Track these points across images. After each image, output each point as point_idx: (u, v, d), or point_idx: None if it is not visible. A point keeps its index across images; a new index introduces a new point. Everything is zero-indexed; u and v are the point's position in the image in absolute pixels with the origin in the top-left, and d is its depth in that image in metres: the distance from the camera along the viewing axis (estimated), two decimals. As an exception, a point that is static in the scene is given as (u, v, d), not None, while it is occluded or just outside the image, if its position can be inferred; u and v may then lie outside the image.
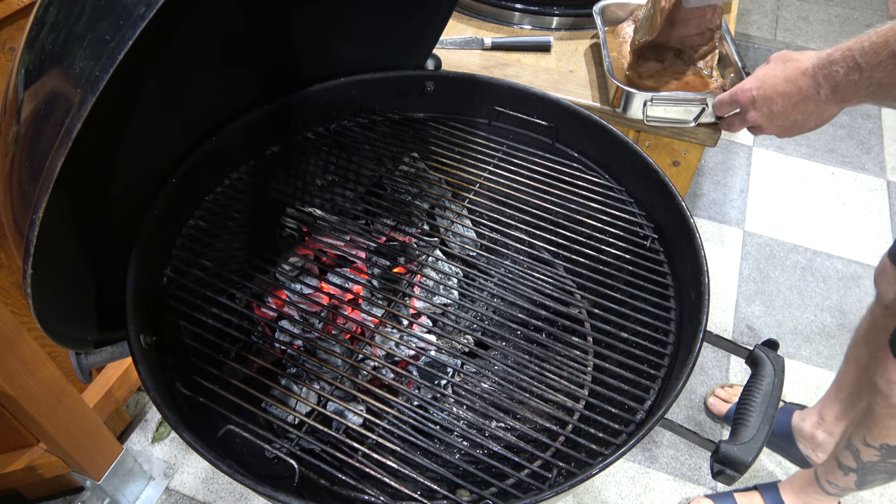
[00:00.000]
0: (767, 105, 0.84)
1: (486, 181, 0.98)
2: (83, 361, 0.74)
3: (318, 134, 1.05)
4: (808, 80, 0.77)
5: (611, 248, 0.88)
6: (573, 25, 1.43)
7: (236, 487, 1.44)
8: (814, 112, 0.79)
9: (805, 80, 0.77)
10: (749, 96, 0.86)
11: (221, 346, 0.79)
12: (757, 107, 0.85)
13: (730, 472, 0.65)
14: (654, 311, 0.81)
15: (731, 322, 1.80)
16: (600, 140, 0.97)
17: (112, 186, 0.77)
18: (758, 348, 0.74)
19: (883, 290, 1.20)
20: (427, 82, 1.06)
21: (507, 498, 0.65)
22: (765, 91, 0.83)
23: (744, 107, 0.87)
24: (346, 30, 0.98)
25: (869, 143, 2.41)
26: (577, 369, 0.82)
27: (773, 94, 0.82)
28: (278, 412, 0.84)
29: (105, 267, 0.77)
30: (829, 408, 1.38)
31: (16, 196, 0.55)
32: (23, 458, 1.23)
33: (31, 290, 0.56)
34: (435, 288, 0.94)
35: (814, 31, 2.87)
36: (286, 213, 1.01)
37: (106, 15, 0.47)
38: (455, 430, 0.77)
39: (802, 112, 0.80)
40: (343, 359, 0.81)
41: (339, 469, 0.69)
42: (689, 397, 1.62)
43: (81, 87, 0.47)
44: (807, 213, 2.13)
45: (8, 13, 0.94)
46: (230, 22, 0.85)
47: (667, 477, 1.47)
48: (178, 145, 0.89)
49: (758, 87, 0.84)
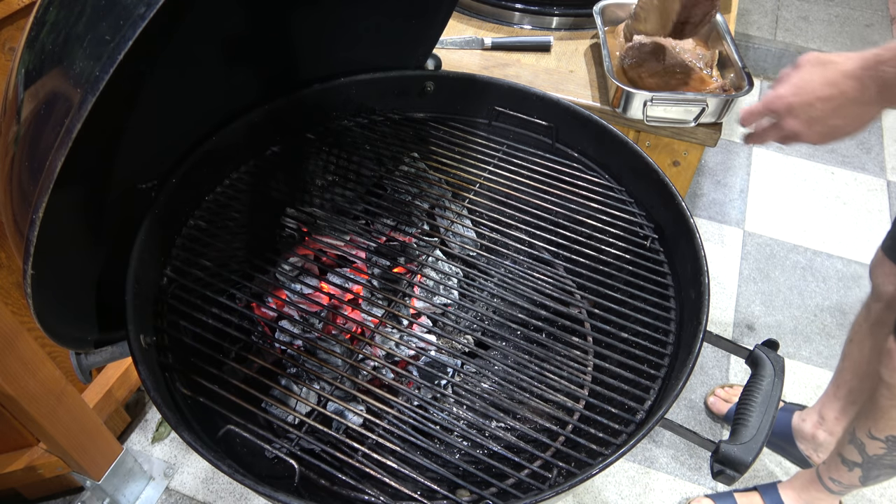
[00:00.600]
0: (806, 111, 0.79)
1: (486, 181, 0.98)
2: (83, 361, 0.74)
3: (318, 134, 1.05)
4: (852, 83, 0.74)
5: (611, 248, 0.88)
6: (573, 25, 1.43)
7: (236, 487, 1.44)
8: (856, 115, 0.76)
9: (849, 82, 0.75)
10: (786, 103, 0.81)
11: (221, 346, 0.79)
12: (795, 114, 0.81)
13: (730, 472, 0.65)
14: (654, 311, 0.81)
15: (731, 322, 1.80)
16: (600, 140, 0.97)
17: (112, 186, 0.77)
18: (758, 348, 0.74)
19: (879, 283, 1.19)
20: (427, 82, 1.06)
21: (507, 498, 0.65)
22: (803, 97, 0.79)
23: (780, 115, 0.82)
24: (346, 30, 0.98)
25: (869, 143, 2.41)
26: (577, 369, 0.82)
27: (813, 99, 0.78)
28: (278, 412, 0.84)
29: (105, 267, 0.77)
30: (829, 407, 1.38)
31: (16, 196, 0.55)
32: (23, 458, 1.23)
33: (31, 290, 0.56)
34: (435, 288, 0.94)
35: (814, 31, 2.87)
36: (286, 213, 1.01)
37: (106, 15, 0.47)
38: (455, 430, 0.77)
39: (843, 116, 0.77)
40: (343, 359, 0.81)
41: (339, 469, 0.69)
42: (689, 397, 1.62)
43: (81, 87, 0.47)
44: (807, 213, 2.13)
45: (8, 13, 0.94)
46: (230, 22, 0.85)
47: (667, 477, 1.47)
48: (178, 145, 0.89)
49: (795, 94, 0.80)
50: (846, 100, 0.76)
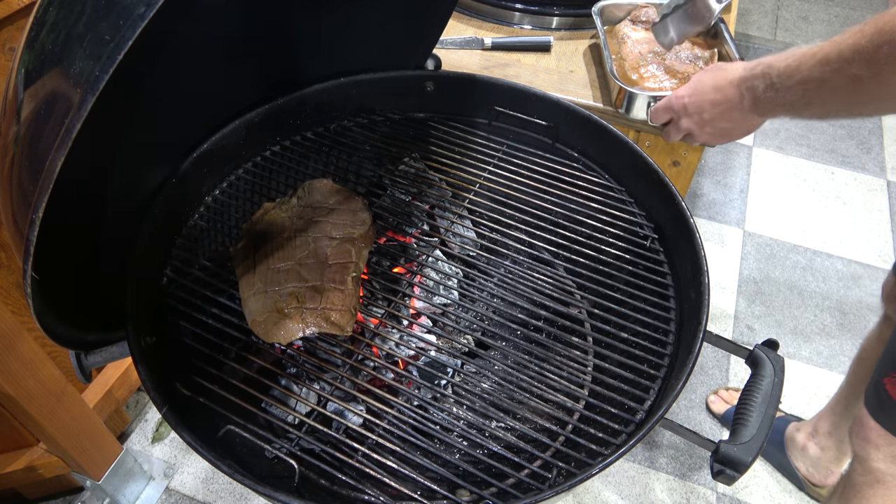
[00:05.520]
0: (698, 113, 0.84)
1: (486, 181, 0.98)
2: (83, 361, 0.74)
3: (318, 134, 1.05)
4: (733, 90, 0.78)
5: (611, 248, 0.88)
6: (573, 25, 1.43)
7: (236, 487, 1.44)
8: (740, 121, 0.80)
9: (731, 89, 0.78)
10: (682, 103, 0.86)
11: (221, 346, 0.79)
12: (689, 114, 0.86)
13: (730, 472, 0.65)
14: (654, 311, 0.81)
15: (731, 322, 1.80)
16: (600, 140, 0.97)
17: (112, 186, 0.77)
18: (758, 348, 0.74)
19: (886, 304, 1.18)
20: (427, 82, 1.06)
21: (506, 498, 0.65)
22: (696, 98, 0.84)
23: (677, 114, 0.88)
24: (347, 30, 0.98)
25: (869, 143, 2.41)
26: (576, 369, 0.82)
27: (704, 101, 0.83)
28: (278, 412, 0.84)
29: (105, 267, 0.77)
30: (824, 420, 1.37)
31: (16, 196, 0.55)
32: (23, 458, 1.23)
33: (31, 290, 0.56)
34: (435, 288, 0.94)
35: (814, 31, 2.87)
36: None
37: (106, 15, 0.47)
38: (455, 430, 0.77)
39: (729, 120, 0.81)
40: (343, 359, 0.81)
41: (339, 469, 0.69)
42: (689, 397, 1.62)
43: (81, 87, 0.47)
44: (807, 213, 2.13)
45: (8, 13, 0.94)
46: (230, 22, 0.85)
47: (667, 477, 1.47)
48: (179, 145, 0.89)
49: (690, 94, 0.85)
50: (730, 106, 0.79)
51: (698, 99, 0.83)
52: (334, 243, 0.87)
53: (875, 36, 0.58)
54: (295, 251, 0.85)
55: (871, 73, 0.59)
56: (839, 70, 0.62)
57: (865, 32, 0.59)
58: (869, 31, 0.59)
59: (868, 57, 0.58)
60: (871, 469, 0.98)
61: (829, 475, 1.39)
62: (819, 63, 0.64)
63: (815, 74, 0.65)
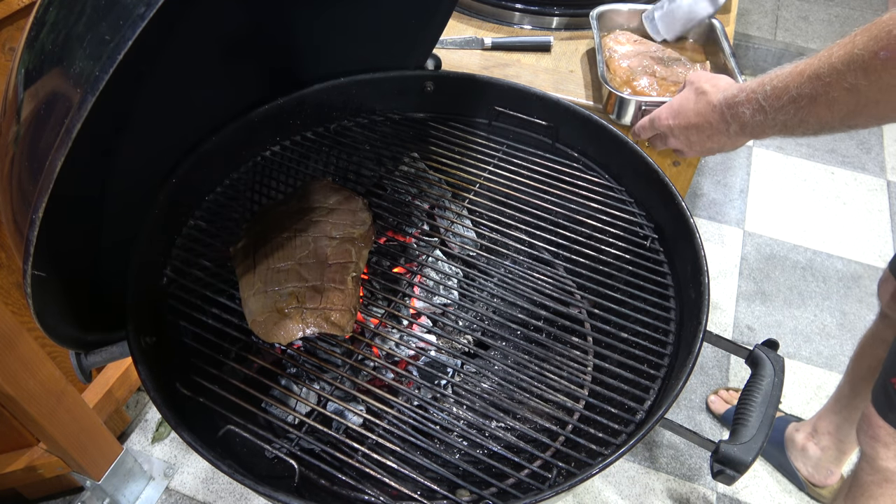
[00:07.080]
0: (684, 135, 0.84)
1: (486, 181, 0.98)
2: (83, 361, 0.74)
3: (318, 134, 1.05)
4: (717, 116, 0.78)
5: (611, 248, 0.88)
6: (573, 25, 1.43)
7: (236, 487, 1.44)
8: (727, 143, 0.80)
9: (714, 115, 0.78)
10: (666, 125, 0.86)
11: (221, 346, 0.79)
12: (675, 135, 0.86)
13: (730, 472, 0.65)
14: (654, 311, 0.81)
15: (731, 322, 1.80)
16: (600, 140, 0.97)
17: (112, 186, 0.77)
18: (758, 348, 0.74)
19: (885, 302, 1.18)
20: (427, 82, 1.06)
21: (506, 498, 0.65)
22: (679, 121, 0.84)
23: (663, 134, 0.88)
24: (346, 30, 0.98)
25: (869, 143, 2.41)
26: (576, 369, 0.82)
27: (687, 125, 0.83)
28: (278, 412, 0.84)
29: (105, 267, 0.77)
30: (824, 420, 1.37)
31: (16, 196, 0.55)
32: (23, 458, 1.23)
33: (31, 290, 0.56)
34: (435, 288, 0.94)
35: (814, 31, 2.87)
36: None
37: (106, 15, 0.47)
38: (455, 430, 0.77)
39: (717, 142, 0.81)
40: (343, 359, 0.81)
41: (339, 469, 0.69)
42: (689, 397, 1.62)
43: (81, 87, 0.47)
44: (807, 213, 2.13)
45: (8, 13, 0.94)
46: (230, 22, 0.85)
47: (667, 477, 1.47)
48: (179, 145, 0.89)
49: (673, 118, 0.85)
50: (714, 130, 0.80)
51: (682, 122, 0.83)
52: (334, 243, 0.87)
53: (870, 43, 0.57)
54: (295, 251, 0.85)
55: (868, 80, 0.59)
56: (833, 83, 0.62)
57: (857, 42, 0.59)
58: (861, 40, 0.59)
59: (864, 65, 0.58)
60: (880, 468, 0.99)
61: (830, 475, 1.39)
62: (809, 79, 0.64)
63: (805, 91, 0.64)
